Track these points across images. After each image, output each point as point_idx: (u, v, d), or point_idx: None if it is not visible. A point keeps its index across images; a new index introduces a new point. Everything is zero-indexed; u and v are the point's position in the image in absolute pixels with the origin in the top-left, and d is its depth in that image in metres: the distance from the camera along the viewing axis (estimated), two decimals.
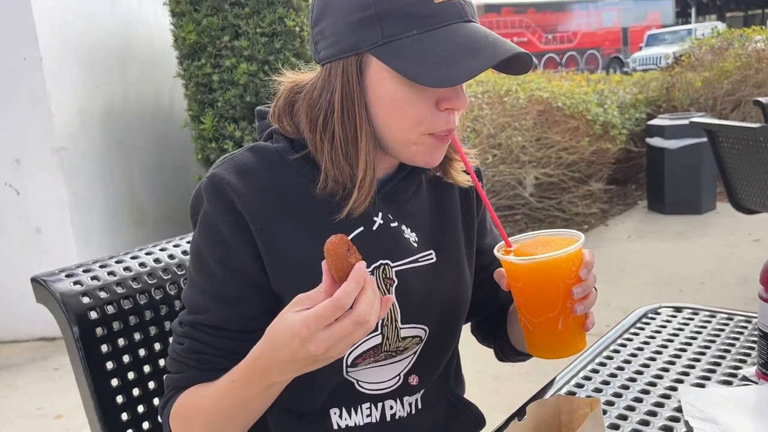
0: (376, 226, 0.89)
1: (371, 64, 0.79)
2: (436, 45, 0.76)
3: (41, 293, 1.06)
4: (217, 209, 0.84)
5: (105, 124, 4.00)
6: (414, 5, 0.76)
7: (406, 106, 0.80)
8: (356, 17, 0.78)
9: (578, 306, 0.83)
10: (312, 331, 0.67)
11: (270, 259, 0.85)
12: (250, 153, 0.88)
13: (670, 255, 4.25)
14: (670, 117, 5.27)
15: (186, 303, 0.89)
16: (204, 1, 3.58)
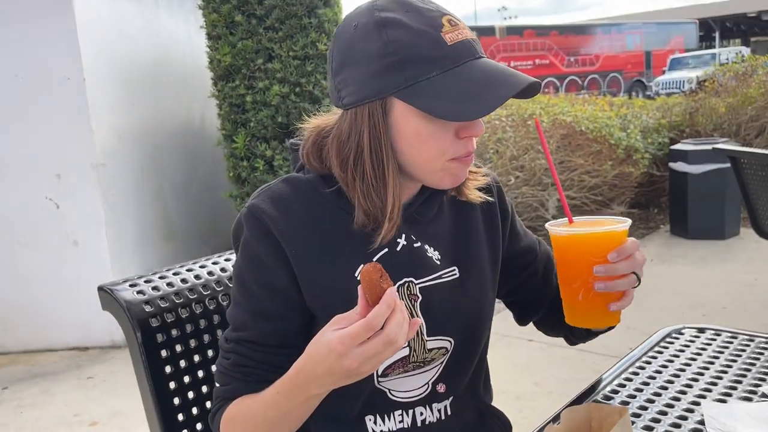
0: (400, 246, 0.97)
1: (395, 106, 0.87)
2: (457, 83, 0.84)
3: (107, 301, 1.15)
4: (256, 235, 0.93)
5: (139, 141, 4.14)
6: (431, 49, 0.84)
7: (429, 140, 0.89)
8: (379, 65, 0.85)
9: (598, 284, 0.91)
10: (347, 348, 0.76)
11: (304, 279, 0.94)
12: (284, 184, 0.97)
13: (692, 279, 4.27)
14: (694, 142, 5.30)
15: (230, 321, 0.98)
16: (240, 25, 3.72)
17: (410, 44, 0.84)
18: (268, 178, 3.85)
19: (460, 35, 0.87)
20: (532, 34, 23.00)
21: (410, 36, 0.85)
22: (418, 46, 0.84)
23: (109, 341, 3.71)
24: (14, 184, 3.60)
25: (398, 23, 0.85)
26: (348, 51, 0.89)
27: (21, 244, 3.66)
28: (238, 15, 3.70)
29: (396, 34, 0.85)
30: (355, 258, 0.95)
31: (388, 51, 0.85)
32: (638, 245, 0.93)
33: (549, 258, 1.17)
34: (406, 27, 0.85)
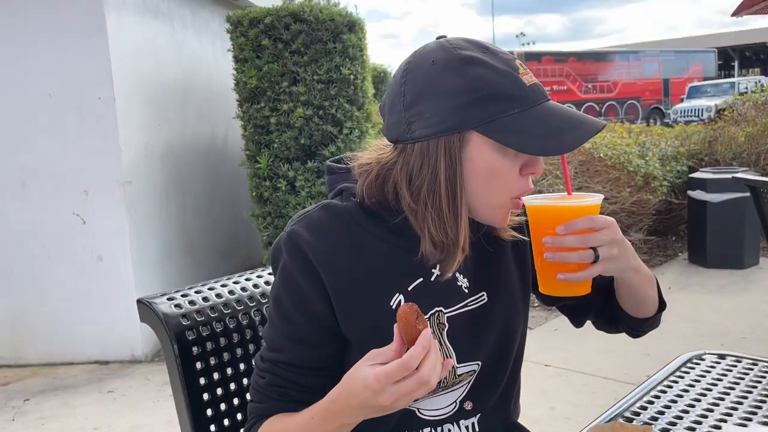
0: (434, 276, 1.00)
1: (472, 140, 0.91)
2: (539, 121, 0.90)
3: (146, 313, 1.20)
4: (294, 262, 0.96)
5: (164, 159, 4.23)
6: (512, 88, 0.90)
7: (501, 174, 0.93)
8: (462, 100, 0.89)
9: (546, 253, 0.95)
10: (382, 386, 0.80)
11: (340, 308, 0.96)
12: (323, 211, 0.99)
13: (711, 308, 4.25)
14: (713, 171, 5.30)
15: (266, 341, 1.02)
16: (266, 49, 3.82)
17: (493, 82, 0.89)
18: (289, 199, 3.91)
19: (532, 79, 0.93)
20: (550, 60, 23.10)
21: (493, 74, 0.89)
22: (501, 84, 0.89)
23: (129, 356, 3.76)
24: (43, 199, 3.69)
25: (480, 61, 0.90)
26: (426, 85, 0.91)
27: (47, 258, 3.74)
28: (265, 39, 3.80)
29: (479, 71, 0.89)
30: (391, 288, 0.98)
31: (473, 87, 0.88)
32: (607, 224, 0.94)
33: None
34: (488, 66, 0.90)
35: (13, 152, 3.68)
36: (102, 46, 3.58)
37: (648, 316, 1.13)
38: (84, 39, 3.59)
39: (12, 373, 3.70)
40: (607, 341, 3.60)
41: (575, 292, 0.99)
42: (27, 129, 3.67)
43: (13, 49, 3.62)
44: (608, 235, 0.93)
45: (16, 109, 3.66)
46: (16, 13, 3.60)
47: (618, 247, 0.95)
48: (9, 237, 3.74)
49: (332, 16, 3.87)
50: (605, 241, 0.93)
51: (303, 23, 3.81)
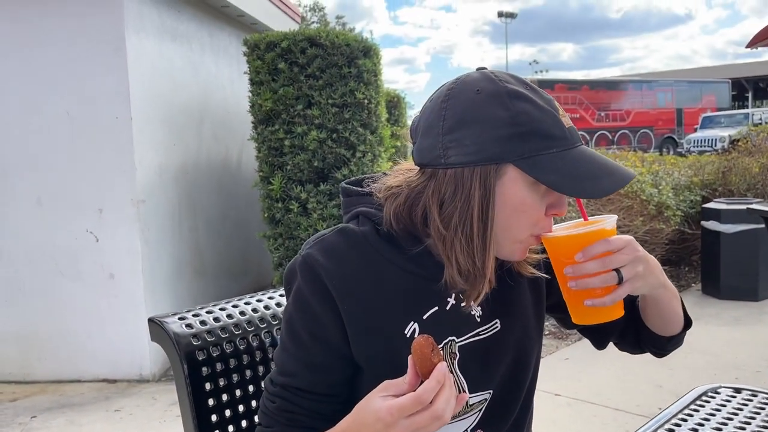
0: (449, 306, 0.99)
1: (508, 173, 0.90)
2: (576, 163, 0.90)
3: (157, 332, 1.20)
4: (309, 286, 0.95)
5: (178, 179, 4.26)
6: (554, 128, 0.91)
7: (529, 210, 0.92)
8: (505, 132, 0.89)
9: (570, 282, 0.94)
10: (395, 419, 0.80)
11: (354, 333, 0.95)
12: (339, 235, 0.99)
13: (725, 341, 4.19)
14: (727, 201, 5.26)
15: (277, 364, 1.00)
16: (282, 72, 3.86)
17: (537, 119, 0.89)
18: (301, 221, 3.92)
19: (570, 122, 0.94)
20: (563, 88, 23.18)
21: (537, 111, 0.90)
22: (544, 123, 0.90)
23: (137, 375, 3.75)
24: (58, 215, 3.72)
25: (526, 97, 0.90)
26: (469, 112, 0.91)
27: (59, 275, 3.76)
28: (281, 63, 3.84)
29: (524, 106, 0.90)
30: (406, 316, 0.97)
31: (517, 121, 0.89)
32: (625, 243, 0.94)
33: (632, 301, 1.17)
34: (533, 103, 0.90)
35: (30, 169, 3.73)
36: (121, 67, 3.64)
37: (674, 334, 1.13)
38: (103, 59, 3.65)
39: (20, 389, 3.70)
40: (618, 371, 3.57)
41: (607, 317, 0.98)
42: (44, 146, 3.71)
43: (33, 67, 3.69)
44: (628, 254, 0.93)
45: (35, 126, 3.71)
46: (37, 32, 3.67)
47: (642, 264, 0.94)
48: (22, 253, 3.77)
49: (348, 41, 3.91)
50: (626, 260, 0.93)
51: (319, 48, 3.86)
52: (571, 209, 4.79)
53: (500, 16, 52.56)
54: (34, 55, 3.69)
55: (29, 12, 3.67)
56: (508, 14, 52.62)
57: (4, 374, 3.81)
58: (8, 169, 3.74)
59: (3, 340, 3.82)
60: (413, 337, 0.96)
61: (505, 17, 52.16)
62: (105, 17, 3.64)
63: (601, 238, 0.93)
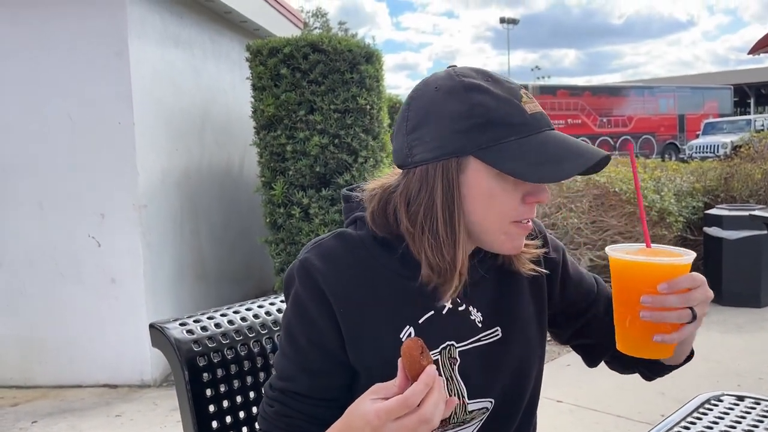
0: (445, 310, 0.99)
1: (470, 165, 0.91)
2: (538, 148, 0.89)
3: (158, 338, 1.19)
4: (306, 291, 0.96)
5: (180, 184, 4.27)
6: (513, 115, 0.90)
7: (499, 200, 0.92)
8: (463, 125, 0.90)
9: (643, 312, 0.91)
10: (382, 422, 0.79)
11: (350, 337, 0.95)
12: (336, 240, 0.99)
13: (727, 347, 4.17)
14: (729, 207, 5.26)
15: (277, 369, 1.00)
16: (284, 78, 3.87)
17: (493, 108, 0.89)
18: (303, 226, 3.92)
19: (536, 108, 0.92)
20: (565, 93, 23.21)
21: (494, 101, 0.90)
22: (501, 111, 0.89)
23: (138, 380, 3.74)
24: (59, 220, 3.73)
25: (483, 89, 0.91)
26: (428, 110, 0.93)
27: (61, 279, 3.76)
28: (283, 68, 3.85)
29: (480, 98, 0.90)
30: (402, 320, 0.97)
31: (474, 113, 0.89)
32: (702, 282, 0.91)
33: (609, 297, 1.14)
34: (491, 93, 0.90)
35: (32, 173, 3.73)
36: (123, 72, 3.65)
37: (677, 364, 1.12)
38: (106, 63, 3.66)
39: (21, 394, 3.70)
40: (620, 379, 3.54)
41: (663, 354, 0.96)
42: (46, 150, 3.72)
43: (36, 71, 3.70)
44: (704, 293, 0.92)
45: (37, 130, 3.72)
46: (40, 36, 3.68)
47: (707, 306, 0.94)
48: (24, 257, 3.77)
49: (350, 47, 3.92)
50: (702, 299, 0.92)
51: (321, 53, 3.87)
52: (574, 215, 4.72)
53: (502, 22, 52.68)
54: (37, 59, 3.70)
55: (32, 16, 3.68)
56: (510, 20, 52.73)
57: (5, 379, 3.81)
58: (10, 173, 3.75)
59: (4, 344, 3.82)
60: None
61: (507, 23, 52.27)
62: (108, 21, 3.65)
63: (684, 272, 0.91)
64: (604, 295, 1.17)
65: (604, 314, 1.15)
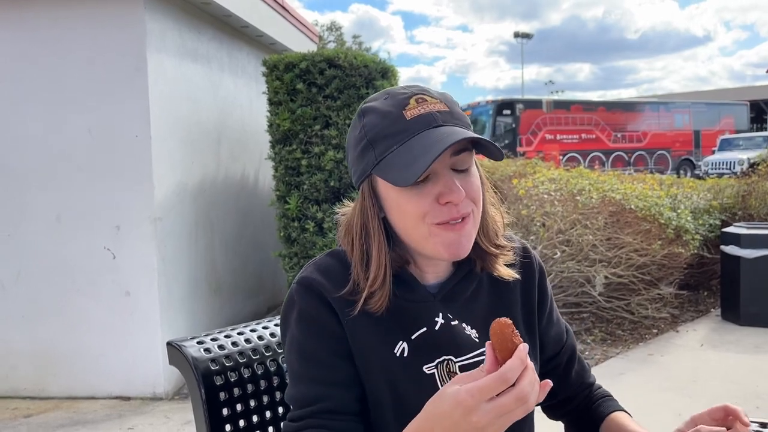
0: (438, 326, 0.99)
1: (378, 182, 0.96)
2: (406, 152, 0.91)
3: (175, 356, 1.19)
4: (314, 305, 0.96)
5: (196, 197, 4.29)
6: (391, 126, 0.93)
7: (408, 206, 0.94)
8: (359, 148, 0.96)
9: None
10: (476, 402, 0.72)
11: (355, 349, 0.96)
12: (329, 257, 1.03)
13: (745, 368, 4.11)
14: (747, 225, 5.20)
15: (295, 399, 0.96)
16: (300, 93, 3.89)
17: (376, 125, 0.94)
18: (317, 240, 3.93)
19: (423, 110, 0.93)
20: (579, 108, 23.15)
21: (378, 118, 0.94)
22: (382, 125, 0.93)
23: (151, 393, 3.74)
24: (76, 232, 3.75)
25: (372, 109, 0.96)
26: (348, 141, 1.02)
27: (76, 291, 3.78)
28: (299, 83, 3.88)
29: (368, 119, 0.95)
30: (395, 336, 0.97)
31: (362, 135, 0.95)
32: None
33: (573, 351, 1.17)
34: (377, 111, 0.95)
35: (51, 185, 3.76)
36: (142, 86, 3.68)
37: None
38: (124, 77, 3.70)
39: (35, 405, 3.71)
40: (636, 399, 3.51)
41: None
42: (65, 163, 3.75)
43: (57, 85, 3.74)
44: None
45: (56, 143, 3.76)
46: (59, 51, 3.73)
47: None
48: (40, 269, 3.79)
49: (366, 62, 3.94)
50: None
51: (337, 69, 3.89)
52: (588, 232, 4.64)
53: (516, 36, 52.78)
54: (57, 74, 3.74)
55: (52, 31, 3.73)
56: (524, 35, 52.81)
57: (19, 389, 3.82)
58: (29, 186, 3.78)
59: (19, 355, 3.83)
60: (403, 357, 0.96)
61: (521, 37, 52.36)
62: (127, 36, 3.69)
63: None
64: (569, 347, 1.17)
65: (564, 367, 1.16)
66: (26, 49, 3.76)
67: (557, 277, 4.67)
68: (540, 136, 21.78)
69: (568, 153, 21.79)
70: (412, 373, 0.96)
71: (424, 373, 0.96)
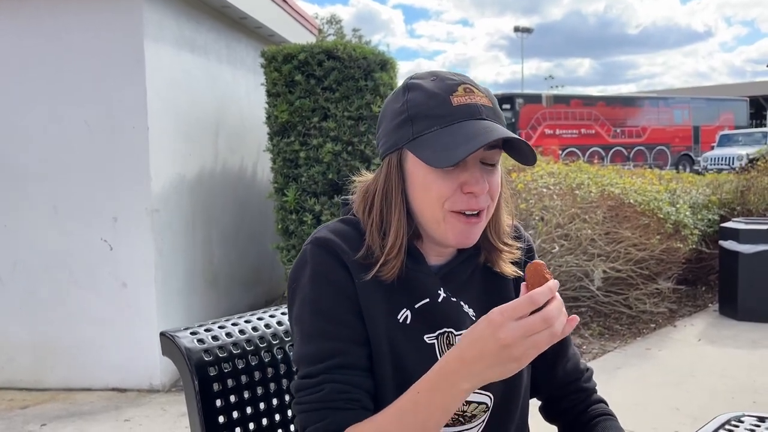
0: (441, 298, 1.02)
1: (408, 156, 0.99)
2: (447, 136, 0.94)
3: (168, 347, 1.18)
4: (329, 263, 0.98)
5: (193, 189, 4.27)
6: (436, 108, 0.96)
7: (432, 186, 0.96)
8: (397, 120, 0.99)
9: None
10: (505, 319, 0.78)
11: (364, 308, 0.97)
12: (341, 222, 1.04)
13: (742, 363, 4.11)
14: (745, 221, 5.19)
15: (308, 356, 0.95)
16: (299, 85, 3.87)
17: (421, 103, 0.97)
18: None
19: (470, 99, 0.97)
20: (578, 103, 23.11)
21: (423, 97, 0.97)
22: (426, 105, 0.96)
23: (147, 385, 3.74)
24: (73, 223, 3.73)
25: (419, 87, 0.99)
26: (383, 110, 1.04)
27: (73, 283, 3.76)
28: (298, 75, 3.85)
29: (413, 95, 0.98)
30: (399, 303, 1.00)
31: (404, 108, 0.98)
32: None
33: (563, 346, 1.15)
34: (423, 89, 0.98)
35: (48, 177, 3.75)
36: (139, 77, 3.66)
37: None
38: (122, 68, 3.67)
39: (31, 396, 3.70)
40: (633, 393, 3.51)
41: None
42: (62, 155, 3.73)
43: (54, 76, 3.72)
44: None
45: (53, 135, 3.74)
46: (57, 41, 3.70)
47: None
48: (38, 260, 3.78)
49: (365, 54, 3.92)
50: None
51: (336, 60, 3.87)
52: (587, 226, 4.66)
53: (516, 30, 52.63)
54: (54, 64, 3.71)
55: (50, 23, 3.70)
56: (524, 29, 52.64)
57: (16, 381, 3.81)
58: (26, 178, 3.76)
59: (16, 346, 3.82)
60: (405, 323, 0.99)
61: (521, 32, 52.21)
62: (124, 26, 3.66)
63: None
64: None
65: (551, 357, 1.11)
66: (23, 40, 3.73)
67: (555, 271, 4.66)
68: (539, 130, 21.74)
69: (567, 148, 21.75)
70: (413, 341, 0.99)
71: (424, 341, 0.99)
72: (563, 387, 1.16)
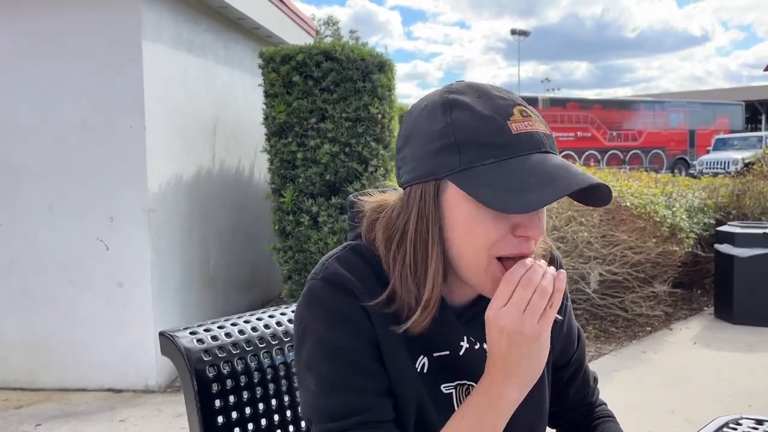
0: (462, 351, 0.93)
1: (448, 189, 0.82)
2: (510, 173, 0.79)
3: (167, 347, 1.17)
4: (346, 304, 0.86)
5: (190, 189, 4.26)
6: (490, 135, 0.80)
7: (479, 228, 0.82)
8: (436, 145, 0.82)
9: None
10: (495, 311, 0.79)
11: (384, 350, 0.88)
12: (352, 253, 0.91)
13: (738, 367, 4.12)
14: (741, 225, 5.21)
15: (330, 412, 0.85)
16: (296, 85, 3.87)
17: (471, 127, 0.81)
18: (311, 234, 3.91)
19: (530, 127, 0.82)
20: (575, 106, 23.17)
21: (473, 119, 0.81)
22: (479, 131, 0.81)
23: (143, 385, 3.73)
24: (69, 223, 3.72)
25: (465, 105, 0.83)
26: (412, 128, 0.87)
27: (69, 282, 3.75)
28: (296, 76, 3.85)
29: (460, 116, 0.82)
30: (418, 350, 0.90)
31: (448, 132, 0.82)
32: None
33: (579, 365, 1.11)
34: (472, 110, 0.82)
35: (44, 176, 3.73)
36: (136, 76, 3.65)
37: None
38: (119, 68, 3.67)
39: (26, 396, 3.68)
40: (629, 396, 3.51)
41: None
42: (58, 153, 3.72)
43: (50, 74, 3.71)
44: None
45: (49, 133, 3.73)
46: (55, 40, 3.70)
47: None
48: (33, 259, 3.77)
49: (363, 55, 3.92)
50: None
51: (334, 62, 3.87)
52: (584, 229, 4.66)
53: (513, 33, 52.73)
54: (50, 63, 3.71)
55: (46, 20, 3.70)
56: (521, 32, 52.75)
57: (10, 381, 3.80)
58: (22, 176, 3.75)
59: (11, 346, 3.81)
60: (423, 372, 0.90)
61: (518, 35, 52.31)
62: (122, 26, 3.66)
63: None
64: (577, 360, 1.11)
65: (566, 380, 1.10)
66: (20, 39, 3.72)
67: None
68: None
69: (563, 151, 21.75)
70: (430, 390, 0.90)
71: (441, 391, 0.92)
72: (572, 403, 1.14)
